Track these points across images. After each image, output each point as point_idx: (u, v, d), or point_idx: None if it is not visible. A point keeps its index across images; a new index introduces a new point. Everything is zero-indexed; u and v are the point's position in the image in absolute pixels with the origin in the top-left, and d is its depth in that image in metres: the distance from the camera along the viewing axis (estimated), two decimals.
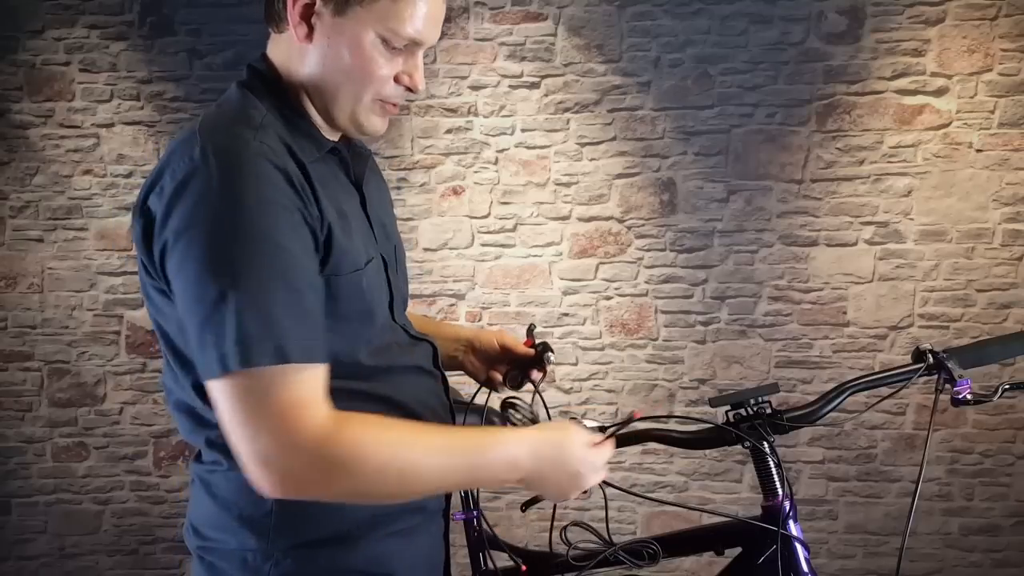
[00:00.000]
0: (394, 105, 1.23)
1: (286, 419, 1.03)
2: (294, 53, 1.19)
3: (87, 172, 3.44)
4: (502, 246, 3.37)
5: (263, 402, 1.03)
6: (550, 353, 1.48)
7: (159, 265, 1.11)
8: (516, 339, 1.54)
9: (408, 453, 1.11)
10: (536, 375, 1.51)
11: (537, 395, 1.47)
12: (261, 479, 1.05)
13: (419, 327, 1.42)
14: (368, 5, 1.14)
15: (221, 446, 1.14)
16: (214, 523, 1.22)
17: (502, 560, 1.64)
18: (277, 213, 1.06)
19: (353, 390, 1.19)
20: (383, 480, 1.09)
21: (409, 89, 1.21)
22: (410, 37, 1.16)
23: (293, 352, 1.04)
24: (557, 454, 1.21)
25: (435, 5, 1.18)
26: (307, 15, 1.15)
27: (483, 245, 3.37)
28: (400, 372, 1.27)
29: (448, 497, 1.40)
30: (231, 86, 1.23)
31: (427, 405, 1.31)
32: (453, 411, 1.39)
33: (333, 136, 1.26)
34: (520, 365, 1.52)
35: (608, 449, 1.27)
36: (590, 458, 1.24)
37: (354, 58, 1.16)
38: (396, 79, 1.19)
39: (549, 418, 1.44)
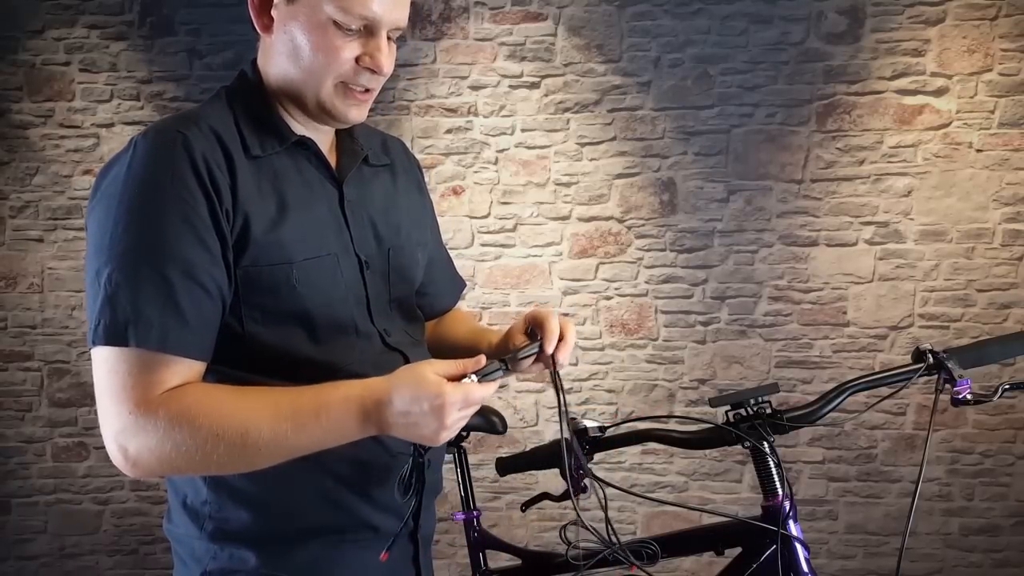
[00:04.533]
0: (365, 91, 1.21)
1: (128, 400, 1.07)
2: (265, 48, 1.22)
3: (87, 172, 3.43)
4: (502, 246, 3.36)
5: (111, 380, 1.08)
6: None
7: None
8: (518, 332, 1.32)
9: (245, 412, 1.08)
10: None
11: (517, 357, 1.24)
12: (111, 453, 1.10)
13: (460, 331, 1.45)
14: None
15: None
16: (172, 508, 1.26)
17: (502, 560, 1.65)
18: (171, 205, 1.09)
19: None
20: (224, 443, 1.07)
21: (373, 72, 1.18)
22: (362, 17, 1.14)
23: (147, 339, 1.07)
24: (414, 383, 1.08)
25: None
26: (266, 6, 1.18)
27: (483, 245, 3.37)
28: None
29: (416, 518, 1.30)
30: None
31: None
32: None
33: (311, 129, 1.25)
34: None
35: (468, 388, 1.08)
36: (446, 389, 1.07)
37: (310, 43, 1.15)
38: (358, 61, 1.17)
39: (559, 383, 1.23)
